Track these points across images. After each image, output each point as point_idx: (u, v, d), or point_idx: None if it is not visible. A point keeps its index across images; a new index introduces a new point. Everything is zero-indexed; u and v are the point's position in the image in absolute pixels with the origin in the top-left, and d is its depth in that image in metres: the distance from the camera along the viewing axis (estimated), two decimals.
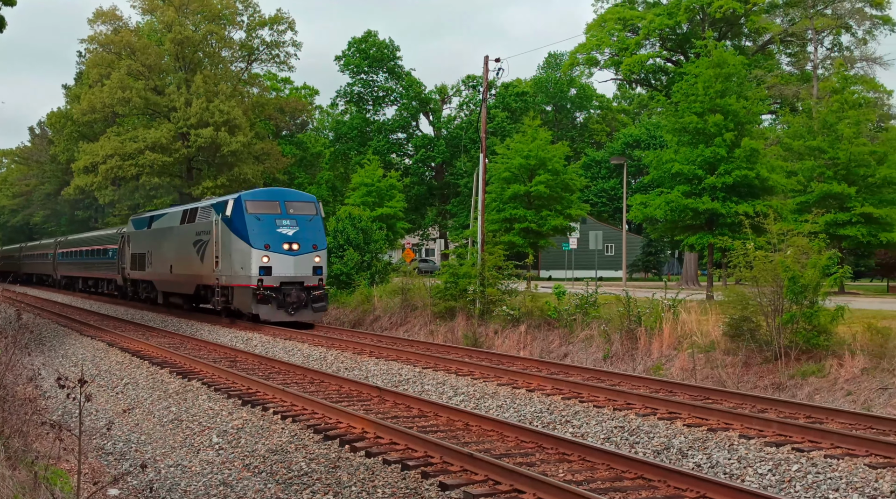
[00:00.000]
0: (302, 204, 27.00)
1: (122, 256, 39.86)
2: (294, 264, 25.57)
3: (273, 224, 25.65)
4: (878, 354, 15.00)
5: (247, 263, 25.29)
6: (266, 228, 25.52)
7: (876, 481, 8.65)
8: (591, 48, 48.91)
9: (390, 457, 9.93)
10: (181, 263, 30.73)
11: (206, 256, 27.87)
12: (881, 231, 32.84)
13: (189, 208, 31.52)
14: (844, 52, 46.47)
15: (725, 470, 9.57)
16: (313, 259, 25.97)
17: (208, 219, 28.20)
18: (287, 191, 28.51)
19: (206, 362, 18.11)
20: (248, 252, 25.28)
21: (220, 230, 26.76)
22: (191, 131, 49.84)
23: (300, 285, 25.72)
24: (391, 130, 71.10)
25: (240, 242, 25.64)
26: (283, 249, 25.47)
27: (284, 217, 26.00)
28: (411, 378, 16.44)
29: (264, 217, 25.77)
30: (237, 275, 25.80)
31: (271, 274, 25.25)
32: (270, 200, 26.67)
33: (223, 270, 26.57)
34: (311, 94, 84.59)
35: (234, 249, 25.85)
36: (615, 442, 11.11)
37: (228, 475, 9.76)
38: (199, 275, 28.81)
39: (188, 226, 30.29)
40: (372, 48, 69.76)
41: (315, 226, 26.51)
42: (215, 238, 27.04)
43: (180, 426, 12.70)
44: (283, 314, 25.49)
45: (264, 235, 25.41)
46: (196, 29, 52.46)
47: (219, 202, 28.07)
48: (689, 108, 28.79)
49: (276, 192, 28.01)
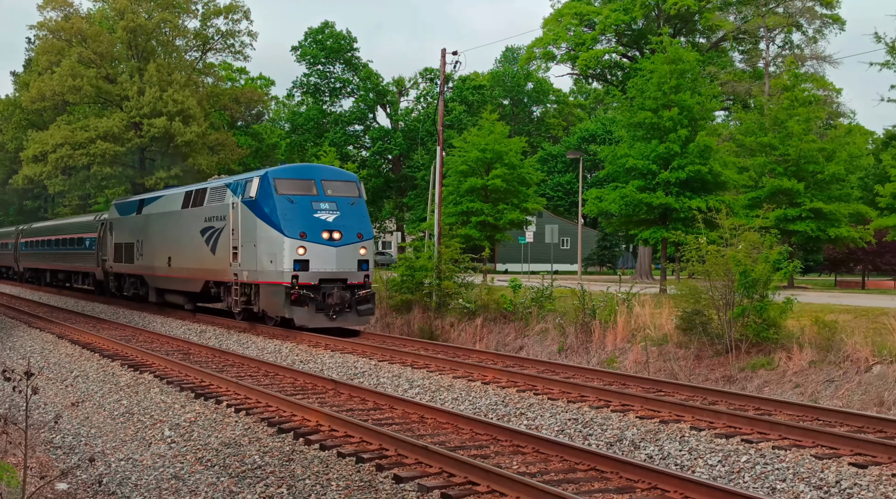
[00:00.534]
0: (342, 184, 22.55)
1: (102, 246, 34.87)
2: (336, 257, 21.28)
3: (309, 208, 21.27)
4: (825, 348, 15.32)
5: (278, 256, 20.96)
6: (301, 213, 21.19)
7: (822, 472, 8.83)
8: (547, 43, 49.15)
9: (345, 450, 9.91)
10: (183, 255, 26.34)
11: (220, 247, 23.66)
12: (829, 227, 33.48)
13: (195, 189, 26.73)
14: (795, 50, 47.27)
15: (676, 461, 9.70)
16: (358, 251, 21.63)
17: (222, 202, 23.90)
18: (323, 168, 23.68)
19: (159, 355, 17.89)
20: (280, 242, 20.87)
21: (239, 215, 22.51)
22: (144, 121, 49.05)
23: (343, 283, 21.37)
24: (348, 122, 70.73)
25: (268, 229, 21.25)
26: (323, 239, 21.13)
27: (322, 199, 21.59)
28: (367, 371, 16.41)
29: (298, 199, 21.38)
30: (264, 270, 21.42)
31: (308, 269, 20.91)
32: (304, 179, 22.05)
33: (244, 263, 22.25)
34: (266, 85, 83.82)
35: (260, 239, 21.50)
36: (569, 434, 11.20)
37: (180, 469, 9.66)
38: (208, 269, 24.59)
39: (193, 211, 25.77)
40: (329, 39, 69.33)
41: (359, 211, 22.15)
42: (233, 225, 22.86)
43: (131, 420, 12.53)
44: (323, 319, 21.01)
45: (299, 221, 21.06)
46: (149, 17, 51.60)
47: (237, 181, 23.50)
48: (644, 103, 29.06)
49: (310, 169, 23.19)
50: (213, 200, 24.70)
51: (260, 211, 21.59)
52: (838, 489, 8.37)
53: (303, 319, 20.90)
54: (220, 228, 23.70)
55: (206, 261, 24.61)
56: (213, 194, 24.84)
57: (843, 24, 46.30)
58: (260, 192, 21.73)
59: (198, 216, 25.30)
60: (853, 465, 8.95)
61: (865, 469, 8.81)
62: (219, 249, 23.71)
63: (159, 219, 28.83)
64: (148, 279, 30.00)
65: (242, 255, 22.33)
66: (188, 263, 26.01)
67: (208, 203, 24.91)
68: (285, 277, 20.82)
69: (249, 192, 22.13)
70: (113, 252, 33.33)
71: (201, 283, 25.24)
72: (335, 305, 21.03)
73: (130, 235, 31.36)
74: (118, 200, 36.01)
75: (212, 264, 24.28)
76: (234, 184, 23.61)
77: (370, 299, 21.82)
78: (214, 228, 24.07)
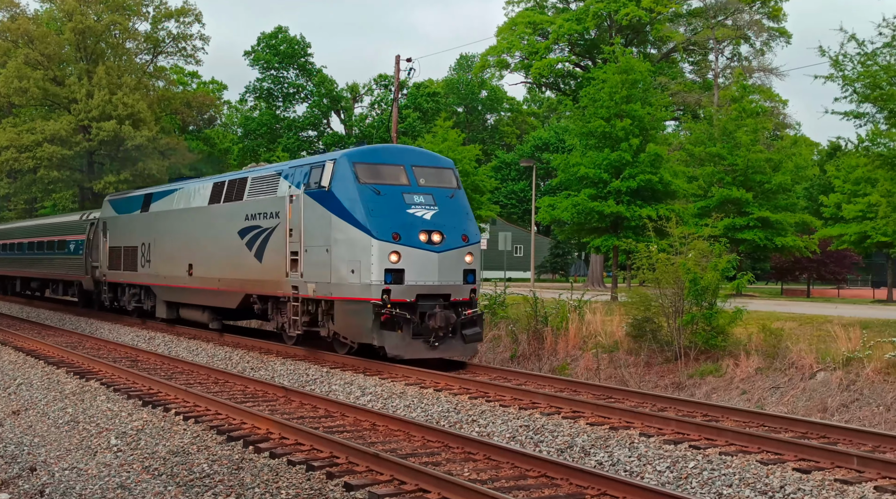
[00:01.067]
0: (437, 171, 17.79)
1: (92, 250, 29.94)
2: (438, 266, 16.55)
3: (400, 201, 16.69)
4: (771, 355, 15.61)
5: (363, 264, 16.25)
6: (392, 208, 16.55)
7: (767, 477, 8.98)
8: (501, 51, 49.47)
9: (295, 458, 9.83)
10: (213, 262, 21.50)
11: (269, 252, 18.85)
12: (776, 236, 34.15)
13: (228, 180, 21.64)
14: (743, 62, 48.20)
15: (626, 468, 9.80)
16: (464, 258, 16.94)
17: (273, 194, 19.05)
18: (412, 150, 18.86)
19: (106, 362, 17.59)
20: (367, 246, 16.20)
21: (301, 211, 17.77)
22: (92, 124, 48.30)
23: (445, 300, 16.62)
24: (301, 128, 70.44)
25: (349, 229, 16.55)
26: (421, 242, 16.41)
27: (416, 190, 16.97)
28: (318, 378, 16.31)
29: (387, 190, 16.71)
30: (342, 282, 16.66)
31: (403, 282, 16.24)
32: (391, 164, 17.30)
33: (310, 273, 17.42)
34: (219, 89, 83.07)
35: (335, 241, 16.81)
36: (520, 441, 11.24)
37: (127, 478, 9.50)
38: (252, 280, 19.71)
39: (228, 207, 20.90)
40: (282, 44, 69.00)
41: (459, 205, 17.48)
42: (291, 223, 18.11)
43: (77, 428, 12.30)
44: (422, 347, 16.29)
45: (390, 218, 16.39)
46: (98, 19, 50.86)
47: (296, 167, 18.66)
48: (596, 112, 29.35)
49: (398, 151, 18.23)
50: (257, 193, 19.91)
51: (335, 205, 16.86)
52: (783, 494, 8.52)
53: (396, 348, 16.15)
54: (269, 228, 19.04)
55: (247, 269, 19.83)
56: (259, 185, 19.99)
57: (790, 38, 47.40)
58: (336, 180, 16.96)
59: (235, 213, 20.57)
60: (797, 470, 9.12)
61: (809, 474, 8.98)
62: (268, 254, 19.01)
63: (175, 217, 23.97)
64: (157, 291, 24.97)
65: (307, 262, 17.57)
66: (219, 271, 21.13)
67: (251, 196, 20.10)
68: (373, 291, 16.05)
69: (319, 180, 17.43)
70: (108, 257, 28.33)
71: (239, 297, 20.33)
72: (438, 328, 16.23)
73: (132, 238, 26.51)
74: (114, 195, 30.69)
75: (257, 274, 19.48)
76: (292, 171, 18.75)
77: (478, 321, 17.10)
78: (261, 228, 19.42)
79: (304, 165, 18.47)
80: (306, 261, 17.63)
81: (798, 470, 9.12)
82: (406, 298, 16.24)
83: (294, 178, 18.47)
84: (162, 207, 24.97)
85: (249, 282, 19.88)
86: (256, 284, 19.59)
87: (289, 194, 18.36)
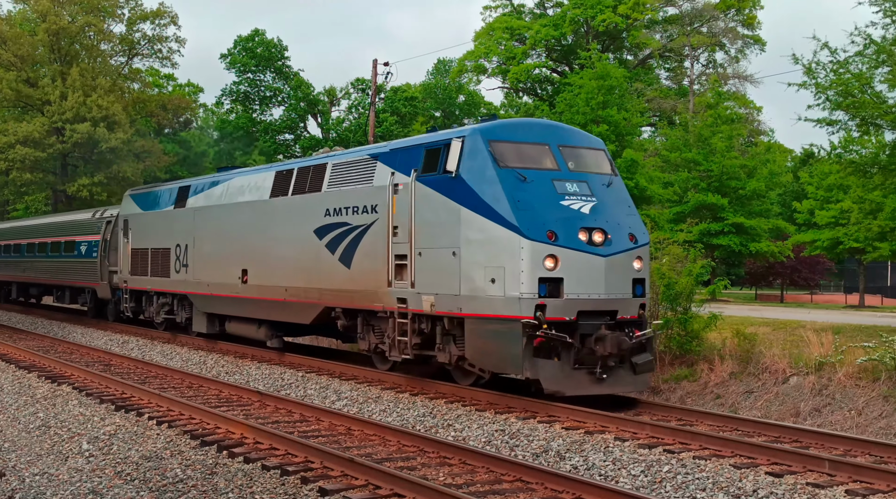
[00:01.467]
0: (589, 152, 14.19)
1: (109, 252, 26.55)
2: (605, 274, 12.93)
3: (552, 191, 13.11)
4: (744, 360, 15.73)
5: (508, 271, 12.58)
6: (542, 200, 12.96)
7: (740, 481, 9.04)
8: (479, 56, 49.66)
9: (269, 462, 9.78)
10: (279, 266, 17.82)
11: (362, 256, 15.22)
12: (751, 241, 34.45)
13: (299, 167, 17.80)
14: (718, 69, 48.63)
15: (601, 472, 9.83)
16: (632, 263, 13.35)
17: (368, 182, 15.29)
18: (557, 126, 15.14)
19: (78, 366, 17.43)
20: (515, 247, 12.55)
21: (415, 203, 13.99)
22: (66, 126, 47.84)
23: (612, 318, 13.07)
24: (278, 131, 70.12)
25: (488, 225, 12.84)
26: (582, 243, 12.82)
27: (567, 176, 13.40)
28: (294, 382, 16.23)
29: (534, 176, 13.13)
30: (477, 294, 12.97)
31: (561, 294, 12.60)
32: (534, 143, 13.69)
33: (426, 282, 13.74)
34: (195, 92, 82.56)
35: (468, 241, 13.10)
36: (496, 445, 11.25)
37: (98, 483, 9.40)
38: (335, 290, 16.03)
39: (302, 200, 17.12)
40: (259, 47, 68.69)
41: (620, 196, 14.01)
42: (396, 219, 14.38)
43: (48, 433, 12.16)
44: (587, 381, 12.82)
45: (542, 212, 12.81)
46: (72, 20, 50.40)
47: (404, 148, 14.85)
48: (573, 118, 29.48)
49: (540, 127, 14.51)
50: (342, 182, 16.13)
51: (466, 195, 13.15)
52: (755, 498, 8.58)
53: (554, 381, 12.50)
54: (360, 226, 15.34)
55: (328, 277, 16.21)
56: (345, 172, 16.18)
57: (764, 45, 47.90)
58: (467, 163, 13.29)
59: (310, 208, 16.87)
60: (770, 474, 9.19)
61: (781, 478, 9.05)
62: (359, 258, 15.38)
63: (223, 214, 20.25)
64: (196, 301, 21.34)
65: (421, 268, 13.88)
66: (286, 279, 17.53)
67: (333, 186, 16.33)
68: (523, 307, 12.38)
69: (441, 163, 13.70)
70: (130, 261, 24.67)
71: (315, 310, 16.77)
72: (608, 356, 12.70)
73: (164, 238, 22.84)
74: (138, 189, 26.81)
75: (342, 283, 15.78)
76: (396, 153, 14.92)
77: (648, 345, 13.51)
78: (348, 226, 15.66)
79: (414, 145, 14.72)
80: (420, 267, 13.89)
81: (771, 474, 9.19)
82: (565, 315, 12.55)
83: (398, 162, 14.76)
84: (204, 202, 21.18)
85: (331, 292, 16.20)
86: (342, 295, 15.90)
87: (391, 183, 14.62)
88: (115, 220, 26.55)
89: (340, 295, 16.05)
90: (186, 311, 22.05)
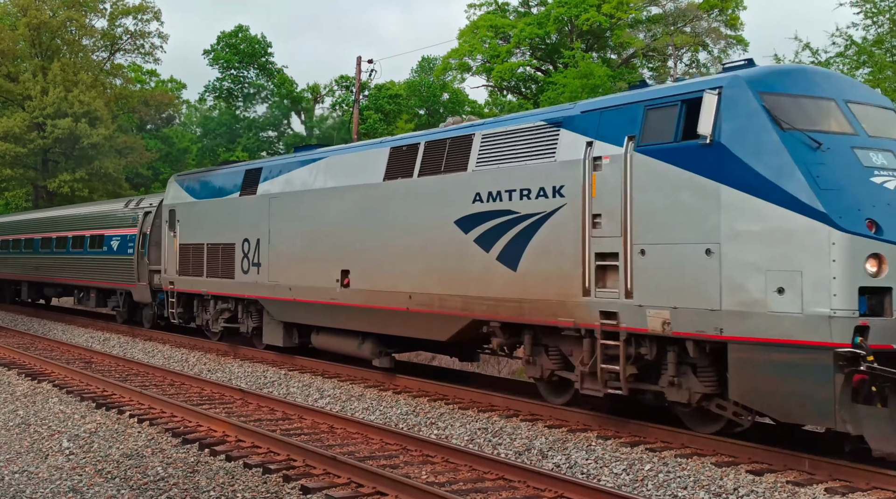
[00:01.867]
0: (882, 112, 10.69)
1: (150, 248, 23.11)
2: None
3: (857, 163, 9.57)
4: None
5: (807, 276, 8.99)
6: (849, 175, 9.45)
7: (721, 479, 9.10)
8: (463, 54, 49.64)
9: (251, 461, 9.76)
10: (399, 266, 14.28)
11: (536, 253, 11.79)
12: None
13: (433, 139, 14.05)
14: (702, 68, 48.84)
15: (583, 470, 9.86)
16: None
17: (548, 156, 11.83)
18: (838, 77, 11.78)
19: (59, 364, 17.32)
20: (819, 242, 8.97)
21: (632, 182, 10.62)
22: (47, 121, 47.49)
23: None
24: (261, 128, 69.92)
25: (772, 211, 9.30)
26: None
27: (869, 144, 9.87)
28: (276, 380, 16.19)
29: (830, 142, 9.57)
30: (753, 309, 9.39)
31: (891, 312, 8.96)
32: (818, 97, 10.13)
33: (654, 290, 10.35)
34: (178, 88, 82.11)
35: (735, 234, 9.59)
36: (478, 443, 11.26)
37: (79, 482, 9.35)
38: (492, 298, 12.50)
39: (436, 182, 13.57)
40: (242, 43, 68.44)
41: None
42: (598, 206, 11.02)
43: (27, 431, 12.08)
44: None
45: (853, 192, 9.27)
46: (54, 14, 50.07)
47: (609, 109, 11.32)
48: None
49: (820, 76, 10.88)
50: (502, 157, 12.56)
51: (731, 167, 9.67)
52: (736, 496, 8.63)
53: (886, 440, 8.68)
54: (534, 215, 11.85)
55: (482, 281, 12.61)
56: (506, 144, 12.60)
57: (747, 46, 48.10)
58: (729, 122, 9.83)
59: (449, 193, 13.30)
60: (750, 472, 9.25)
61: (761, 477, 9.11)
62: (531, 257, 11.88)
63: (313, 201, 16.57)
64: (272, 308, 17.71)
65: (647, 271, 10.42)
66: (413, 283, 13.91)
67: (487, 162, 12.80)
68: (836, 329, 8.77)
69: (683, 125, 10.25)
70: (178, 259, 21.09)
71: (460, 323, 13.12)
72: None
73: (225, 231, 19.24)
74: (186, 174, 22.91)
75: (505, 290, 12.27)
76: (593, 115, 11.45)
77: None
78: (514, 214, 12.15)
79: (626, 104, 11.08)
80: (642, 270, 10.43)
81: (751, 472, 9.24)
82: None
83: (599, 127, 11.22)
84: (283, 187, 17.52)
85: (483, 301, 12.61)
86: (502, 305, 12.32)
87: (588, 157, 11.14)
88: (157, 210, 23.06)
89: (499, 305, 12.34)
90: (254, 319, 18.58)
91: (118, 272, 24.65)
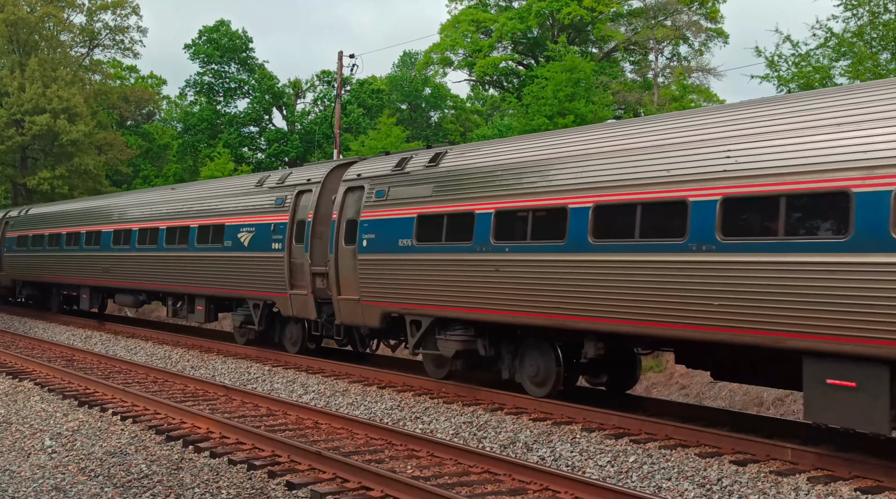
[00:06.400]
0: None
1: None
2: None
3: None
4: None
5: None
6: None
7: (705, 470, 9.14)
8: (445, 48, 49.57)
9: (236, 457, 9.72)
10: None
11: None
12: None
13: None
14: (683, 62, 48.99)
15: (568, 463, 9.88)
16: None
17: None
18: None
19: (40, 362, 17.18)
20: None
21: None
22: (25, 118, 47.05)
23: None
24: (243, 123, 69.54)
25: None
26: None
27: None
28: (260, 377, 16.13)
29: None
30: None
31: None
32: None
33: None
34: (158, 84, 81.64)
35: None
36: (463, 437, 11.26)
37: (62, 480, 9.28)
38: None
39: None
40: (224, 38, 68.05)
41: None
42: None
43: (9, 430, 11.98)
44: None
45: None
46: (31, 10, 49.59)
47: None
48: (540, 110, 29.53)
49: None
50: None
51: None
52: (720, 487, 8.68)
53: None
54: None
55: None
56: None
57: (727, 38, 48.30)
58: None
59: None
60: (734, 463, 9.30)
61: (745, 467, 9.16)
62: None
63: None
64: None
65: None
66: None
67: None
68: None
69: None
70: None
71: None
72: None
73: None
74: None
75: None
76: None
77: None
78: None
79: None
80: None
81: (735, 463, 9.29)
82: None
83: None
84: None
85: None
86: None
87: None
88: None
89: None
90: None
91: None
